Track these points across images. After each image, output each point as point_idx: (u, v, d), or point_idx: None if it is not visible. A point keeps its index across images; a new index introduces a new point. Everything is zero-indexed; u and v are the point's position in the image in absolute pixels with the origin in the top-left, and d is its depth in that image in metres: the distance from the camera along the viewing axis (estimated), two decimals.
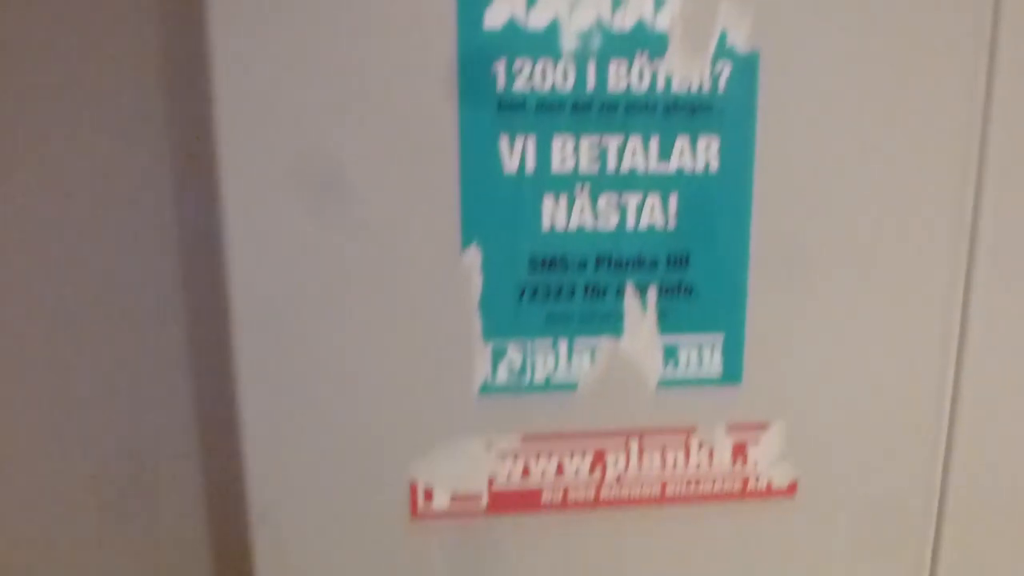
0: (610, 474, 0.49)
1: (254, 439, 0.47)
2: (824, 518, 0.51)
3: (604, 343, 0.47)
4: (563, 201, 0.45)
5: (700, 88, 0.44)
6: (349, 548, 0.49)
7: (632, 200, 0.45)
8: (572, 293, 0.46)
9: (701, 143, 0.45)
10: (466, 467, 0.48)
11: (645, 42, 0.44)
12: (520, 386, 0.47)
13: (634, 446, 0.49)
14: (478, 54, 0.43)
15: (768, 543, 0.51)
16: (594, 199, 0.45)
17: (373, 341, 0.46)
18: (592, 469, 0.49)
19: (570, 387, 0.48)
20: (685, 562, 0.51)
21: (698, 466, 0.50)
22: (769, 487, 0.50)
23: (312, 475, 0.48)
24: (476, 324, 0.46)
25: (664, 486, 0.50)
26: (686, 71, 0.44)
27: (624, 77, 0.44)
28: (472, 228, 0.45)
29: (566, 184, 0.45)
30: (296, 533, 0.49)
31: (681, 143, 0.45)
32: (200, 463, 0.70)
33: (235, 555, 0.71)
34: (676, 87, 0.44)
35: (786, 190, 0.46)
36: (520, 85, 0.43)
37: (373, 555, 0.49)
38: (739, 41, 0.44)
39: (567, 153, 0.44)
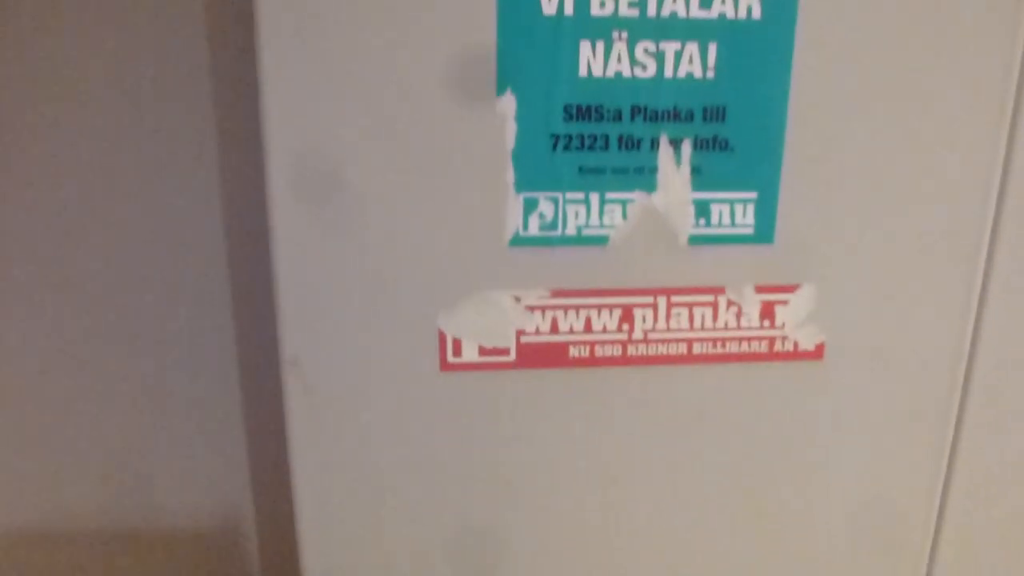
0: (637, 331, 0.50)
1: (286, 287, 0.48)
2: (850, 381, 0.51)
3: (636, 197, 0.47)
4: (600, 47, 0.44)
5: None
6: (379, 398, 0.50)
7: (670, 48, 0.45)
8: (606, 144, 0.46)
9: None
10: (495, 319, 0.49)
11: None
12: (550, 238, 0.47)
13: (662, 303, 0.49)
14: None
15: (794, 404, 0.52)
16: (632, 46, 0.44)
17: (405, 191, 0.46)
18: (620, 326, 0.49)
19: (601, 241, 0.48)
20: (711, 420, 0.52)
21: (726, 325, 0.50)
22: (796, 348, 0.51)
23: (343, 324, 0.49)
24: (509, 175, 0.46)
25: (691, 344, 0.50)
26: None
27: None
28: (507, 74, 0.44)
29: (604, 29, 0.44)
30: (326, 382, 0.50)
31: None
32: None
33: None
34: None
35: (829, 44, 0.45)
36: None
37: (402, 405, 0.50)
38: None
39: None
